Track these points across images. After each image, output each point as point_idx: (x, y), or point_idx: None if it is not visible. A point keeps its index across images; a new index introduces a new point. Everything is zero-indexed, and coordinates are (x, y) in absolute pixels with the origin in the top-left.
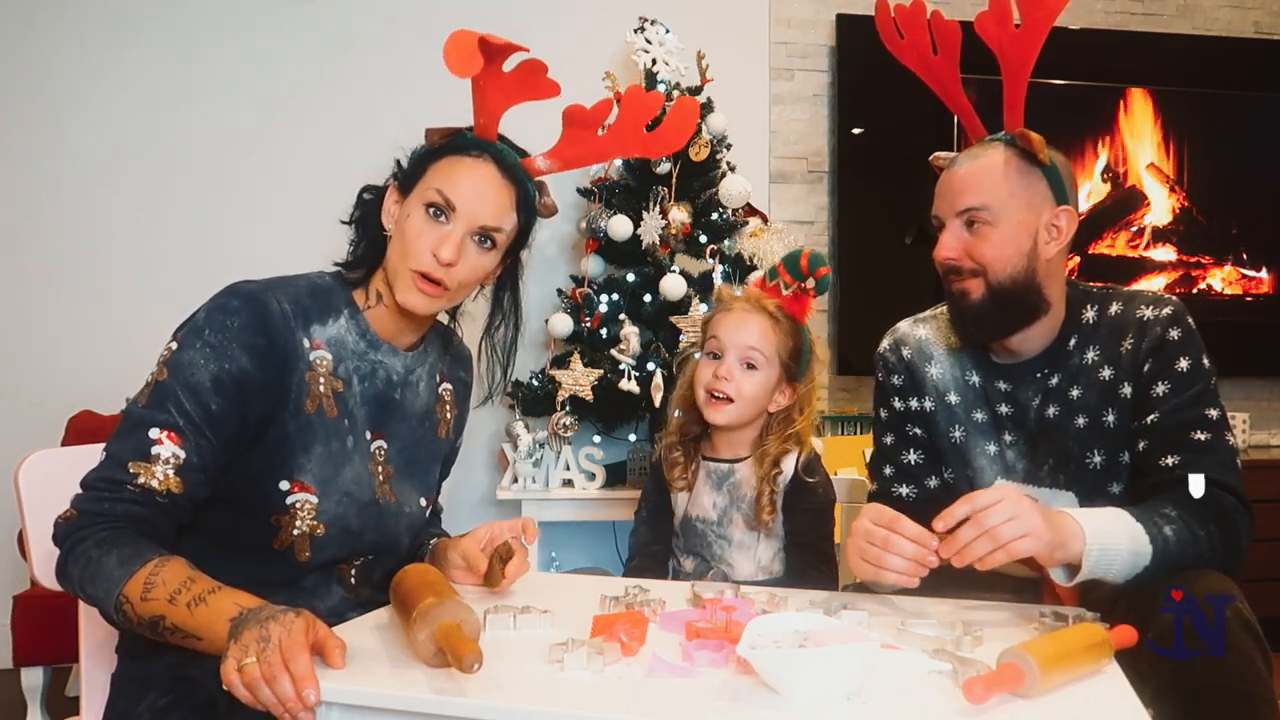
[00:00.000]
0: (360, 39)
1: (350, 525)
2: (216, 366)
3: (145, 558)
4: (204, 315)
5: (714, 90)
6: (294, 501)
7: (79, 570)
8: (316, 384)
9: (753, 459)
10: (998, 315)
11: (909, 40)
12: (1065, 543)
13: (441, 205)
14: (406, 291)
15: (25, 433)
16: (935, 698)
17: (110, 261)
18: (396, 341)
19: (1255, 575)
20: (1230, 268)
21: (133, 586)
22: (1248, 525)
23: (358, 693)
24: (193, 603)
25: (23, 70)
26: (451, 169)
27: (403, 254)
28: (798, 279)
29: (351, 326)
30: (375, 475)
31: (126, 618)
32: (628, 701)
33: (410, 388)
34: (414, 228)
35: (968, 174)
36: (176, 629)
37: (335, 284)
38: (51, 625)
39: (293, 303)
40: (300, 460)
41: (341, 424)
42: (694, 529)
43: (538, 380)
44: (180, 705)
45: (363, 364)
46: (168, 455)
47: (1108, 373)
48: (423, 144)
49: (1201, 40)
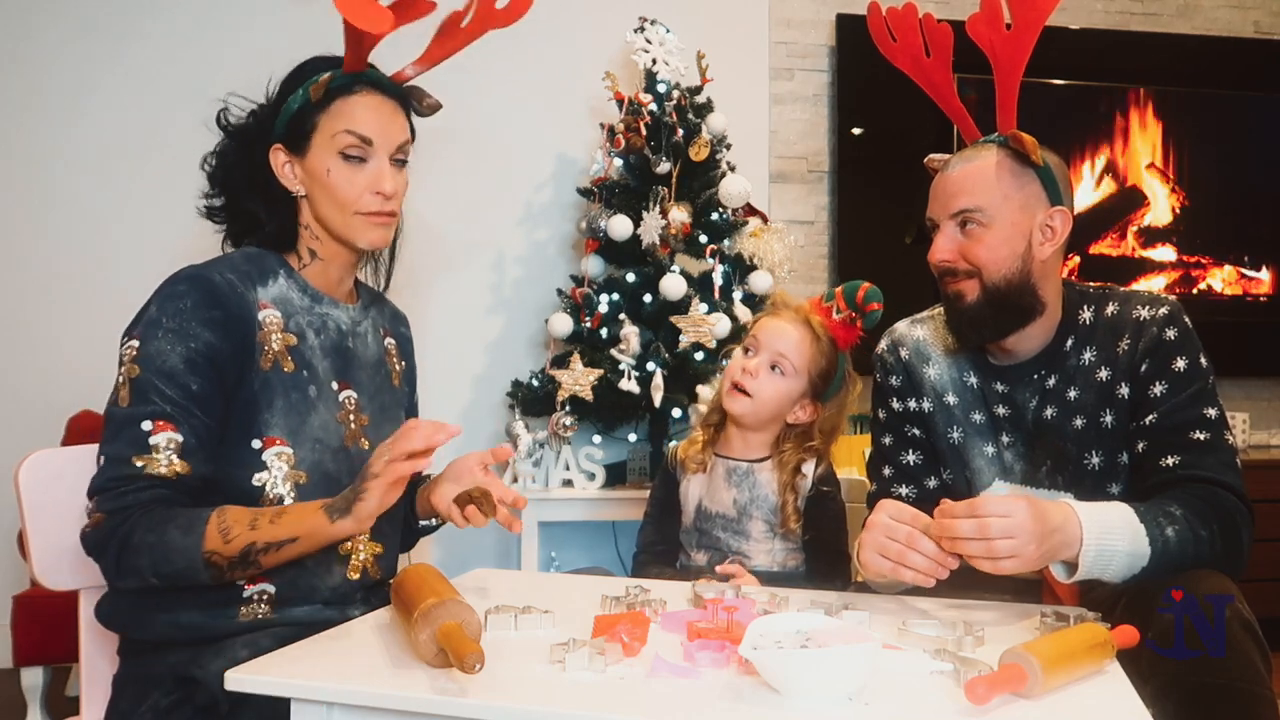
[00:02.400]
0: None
1: (328, 470)
2: (184, 348)
3: (204, 515)
4: (155, 306)
5: (714, 90)
6: (269, 456)
7: (146, 559)
8: (269, 341)
9: (773, 462)
10: (993, 317)
11: (901, 43)
12: (1057, 555)
13: (358, 145)
14: (366, 232)
15: (25, 433)
16: (937, 698)
17: (110, 261)
18: (336, 294)
19: (1255, 575)
20: (1230, 268)
21: (210, 540)
22: (1248, 525)
23: (360, 693)
24: (275, 517)
25: (23, 70)
26: (348, 110)
27: (339, 205)
28: (851, 308)
29: (291, 284)
30: (345, 424)
31: (217, 569)
32: (629, 702)
33: (360, 338)
34: (341, 176)
35: (961, 176)
36: (269, 545)
37: (264, 251)
38: (51, 625)
39: (233, 270)
40: (265, 416)
41: (300, 376)
42: (711, 524)
43: (538, 380)
44: (183, 705)
45: (312, 317)
46: (165, 442)
47: (1105, 373)
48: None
49: (1201, 40)
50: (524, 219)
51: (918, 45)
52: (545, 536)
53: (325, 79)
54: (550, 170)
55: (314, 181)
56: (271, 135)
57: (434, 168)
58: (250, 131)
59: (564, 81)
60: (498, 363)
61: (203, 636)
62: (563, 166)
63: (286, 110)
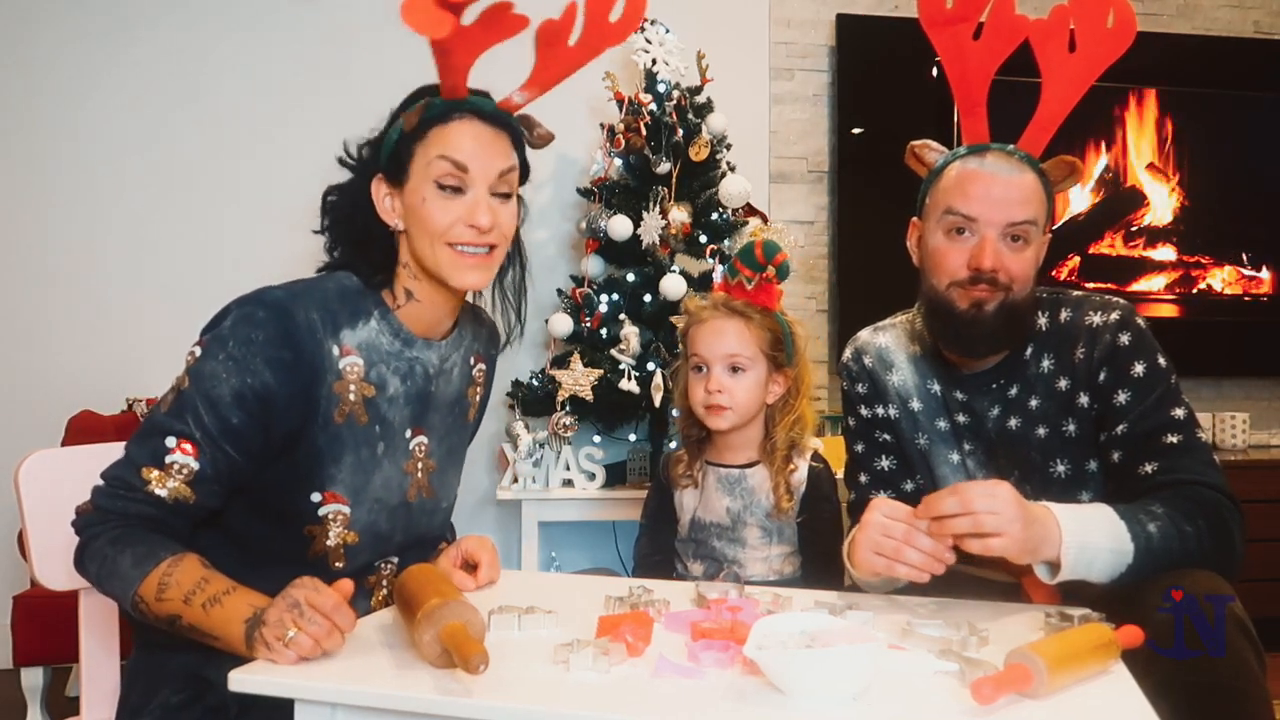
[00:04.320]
0: (361, 39)
1: (380, 530)
2: (239, 381)
3: (159, 557)
4: (229, 325)
5: (714, 90)
6: (327, 513)
7: (96, 568)
8: (346, 393)
9: (764, 463)
10: (1004, 331)
11: (954, 11)
12: (1039, 548)
13: (453, 174)
14: (460, 273)
15: (25, 433)
16: (942, 698)
17: (110, 261)
18: (431, 334)
19: (1256, 575)
20: (1230, 268)
21: (147, 587)
22: (1239, 521)
23: (364, 693)
24: (208, 604)
25: (22, 70)
26: (443, 139)
27: (432, 239)
28: (757, 270)
29: (384, 327)
30: (413, 474)
31: (143, 615)
32: (634, 702)
33: (444, 376)
34: (436, 208)
35: (1021, 185)
36: (193, 628)
37: (363, 289)
38: (51, 625)
39: (320, 309)
40: (331, 471)
41: (372, 430)
42: (705, 533)
43: (538, 380)
44: (193, 704)
45: (400, 363)
46: (180, 465)
47: (1064, 383)
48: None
49: (1201, 40)
50: (524, 219)
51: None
52: (545, 536)
53: (420, 106)
54: (550, 170)
55: (410, 214)
56: (374, 166)
57: None
58: (362, 164)
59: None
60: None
61: None
62: (563, 166)
63: (388, 140)
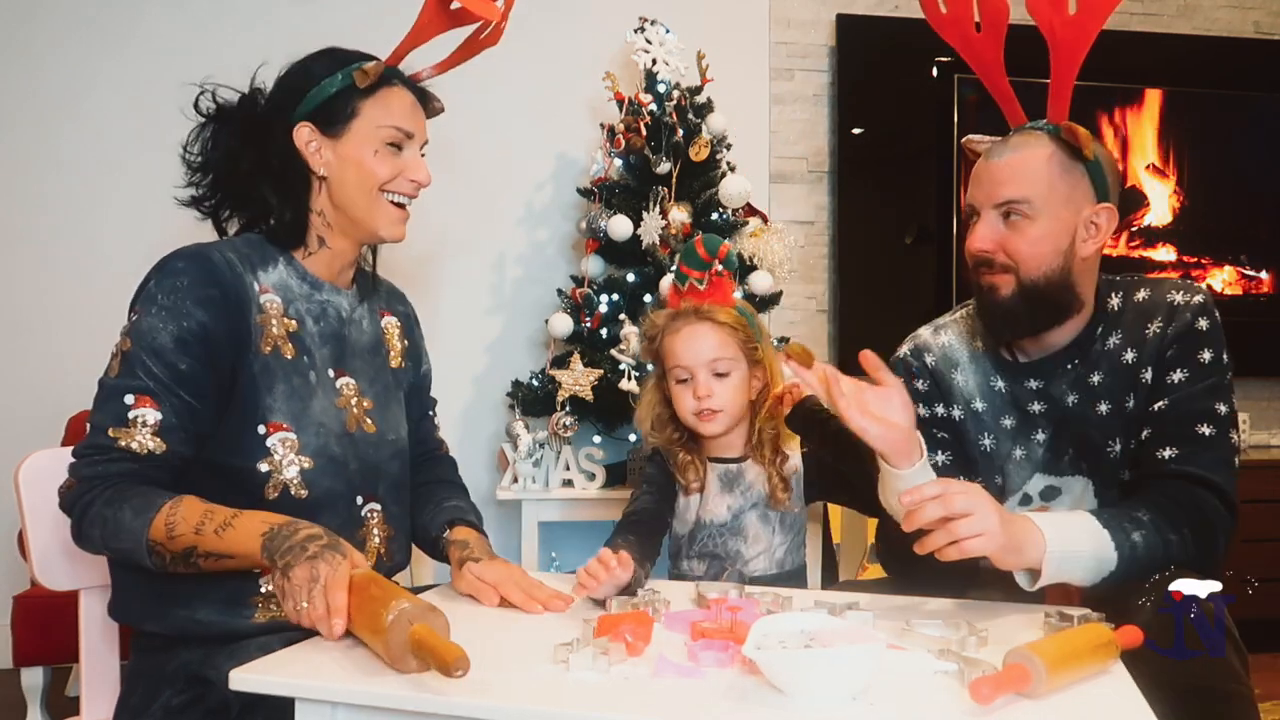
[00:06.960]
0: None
1: (334, 454)
2: (175, 326)
3: (157, 504)
4: (154, 282)
5: (714, 90)
6: (274, 442)
7: (99, 531)
8: (269, 325)
9: (752, 458)
10: (1027, 313)
11: (951, 14)
12: (1022, 548)
13: (401, 136)
14: (392, 225)
15: (25, 433)
16: (941, 698)
17: (110, 261)
18: (337, 282)
19: (1256, 575)
20: (1230, 268)
21: (156, 530)
22: (1227, 528)
23: (364, 693)
24: (220, 529)
25: (21, 70)
26: (392, 102)
27: (370, 190)
28: (704, 268)
29: (290, 272)
30: (347, 409)
31: (161, 559)
32: (634, 702)
33: (355, 324)
34: (383, 161)
35: (1009, 164)
36: (210, 554)
37: (265, 240)
38: (51, 625)
39: (234, 251)
40: (268, 401)
41: (301, 362)
42: (707, 532)
43: (538, 380)
44: (194, 706)
45: (312, 305)
46: (144, 418)
47: (1130, 355)
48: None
49: (1201, 40)
50: (524, 219)
51: (968, 18)
52: (545, 536)
53: (373, 67)
54: (550, 170)
55: (344, 163)
56: (293, 115)
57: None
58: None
59: (564, 81)
60: (498, 363)
61: (218, 634)
62: (563, 166)
63: (321, 91)
